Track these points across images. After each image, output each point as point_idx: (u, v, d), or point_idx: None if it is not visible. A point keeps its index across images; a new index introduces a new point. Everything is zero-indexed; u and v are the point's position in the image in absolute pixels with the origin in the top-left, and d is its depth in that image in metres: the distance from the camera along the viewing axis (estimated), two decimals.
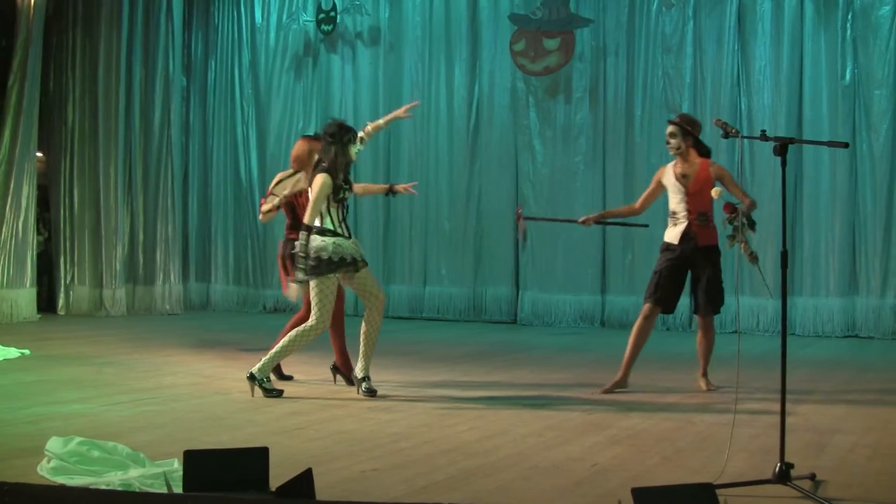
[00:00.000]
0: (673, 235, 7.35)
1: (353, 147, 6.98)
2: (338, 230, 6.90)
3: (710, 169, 7.33)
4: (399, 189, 7.75)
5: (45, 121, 12.82)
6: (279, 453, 4.82)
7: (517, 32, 12.45)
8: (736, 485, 4.52)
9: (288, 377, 7.78)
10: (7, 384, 7.43)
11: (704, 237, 7.32)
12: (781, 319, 4.86)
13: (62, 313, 12.65)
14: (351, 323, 7.85)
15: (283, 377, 7.75)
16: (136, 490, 4.35)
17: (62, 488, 4.26)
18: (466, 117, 12.80)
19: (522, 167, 12.49)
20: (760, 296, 11.09)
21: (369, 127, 7.34)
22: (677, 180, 7.32)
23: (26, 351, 9.13)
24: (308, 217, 6.86)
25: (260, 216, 7.92)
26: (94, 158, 12.71)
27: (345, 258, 6.89)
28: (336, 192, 6.89)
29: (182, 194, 13.68)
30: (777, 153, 4.77)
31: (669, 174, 7.41)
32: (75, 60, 12.82)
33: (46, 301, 12.76)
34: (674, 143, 7.34)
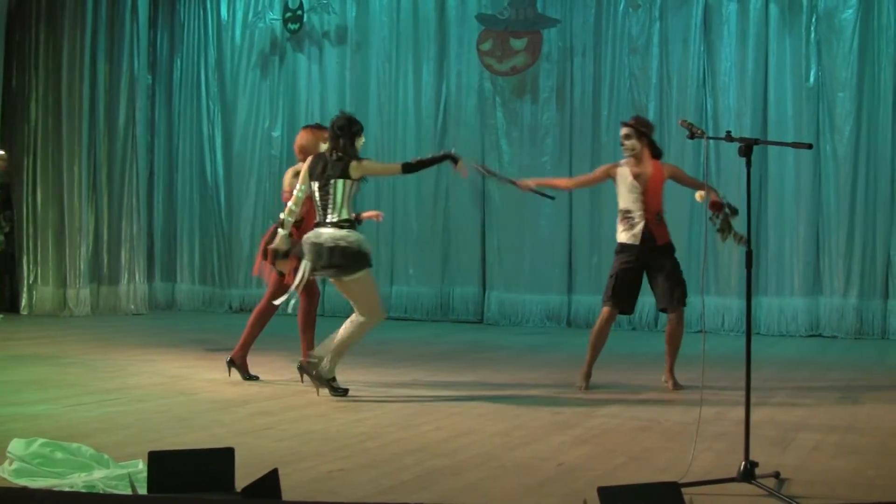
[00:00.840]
0: (630, 236, 7.43)
1: (360, 139, 7.04)
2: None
3: (664, 169, 7.57)
4: (364, 217, 7.74)
5: (8, 119, 12.68)
6: (245, 454, 4.80)
7: (484, 32, 12.46)
8: (701, 483, 4.55)
9: (254, 377, 7.74)
10: None
11: (662, 235, 7.49)
12: (746, 319, 4.90)
13: (25, 313, 12.51)
14: (324, 326, 7.81)
15: (249, 377, 7.71)
16: (101, 492, 4.32)
17: (24, 491, 4.21)
18: (434, 117, 12.79)
19: (490, 167, 12.46)
20: (726, 296, 11.21)
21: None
22: (635, 179, 7.43)
23: None
24: (347, 210, 6.87)
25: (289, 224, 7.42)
26: (58, 157, 12.58)
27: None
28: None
29: (147, 193, 13.56)
30: (742, 154, 4.81)
31: (625, 174, 7.50)
32: (38, 58, 12.67)
33: (9, 301, 12.63)
34: (629, 145, 7.48)
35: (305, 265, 6.98)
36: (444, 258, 12.73)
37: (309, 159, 7.18)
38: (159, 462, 4.05)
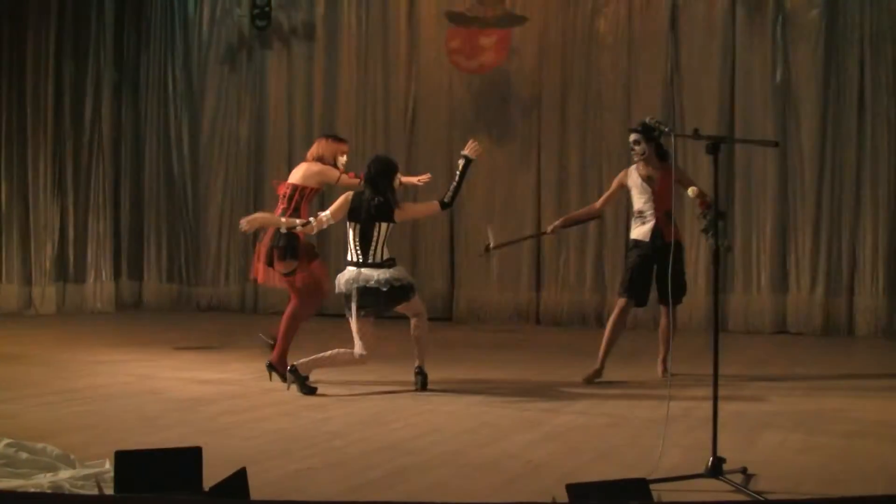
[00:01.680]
0: (642, 233, 7.91)
1: (397, 180, 7.54)
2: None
3: (672, 170, 7.68)
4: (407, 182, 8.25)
5: None
6: (212, 453, 4.76)
7: (453, 30, 12.45)
8: (669, 479, 4.58)
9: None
10: None
11: (670, 233, 7.59)
12: (714, 316, 4.94)
13: None
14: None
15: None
16: (67, 492, 4.28)
17: None
18: (403, 114, 12.76)
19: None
20: (694, 293, 11.26)
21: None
22: (644, 182, 7.86)
23: None
24: (387, 250, 7.34)
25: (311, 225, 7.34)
26: (23, 154, 12.43)
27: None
28: None
29: (114, 190, 13.43)
30: (709, 152, 4.86)
31: (634, 177, 7.94)
32: (2, 54, 12.52)
33: None
34: (639, 150, 7.90)
35: (358, 312, 7.17)
36: (413, 256, 12.70)
37: (349, 196, 7.30)
38: (126, 462, 4.02)
